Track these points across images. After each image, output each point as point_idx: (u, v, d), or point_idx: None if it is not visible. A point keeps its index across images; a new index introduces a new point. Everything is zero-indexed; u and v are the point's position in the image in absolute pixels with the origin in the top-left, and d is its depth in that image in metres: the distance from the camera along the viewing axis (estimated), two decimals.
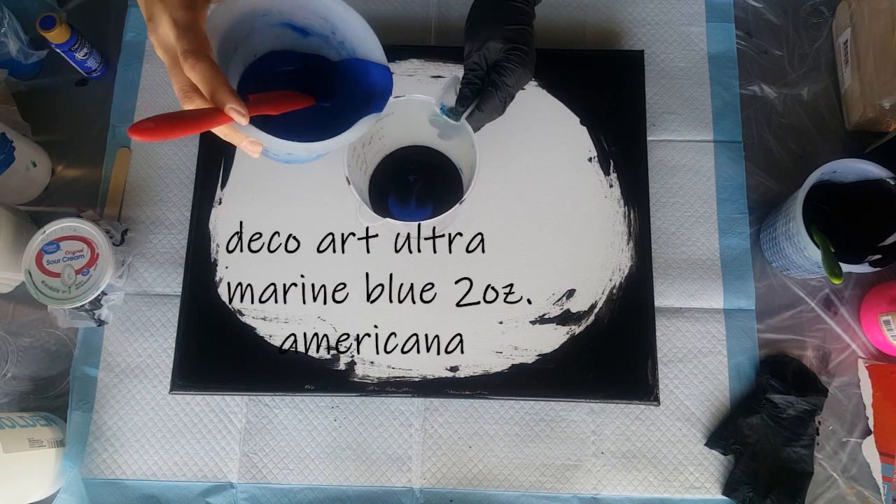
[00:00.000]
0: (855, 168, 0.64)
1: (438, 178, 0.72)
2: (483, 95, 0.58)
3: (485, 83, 0.59)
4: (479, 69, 0.59)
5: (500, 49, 0.58)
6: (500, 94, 0.58)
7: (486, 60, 0.59)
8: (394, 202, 0.71)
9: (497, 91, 0.58)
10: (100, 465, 0.67)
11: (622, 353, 0.68)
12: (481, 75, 0.59)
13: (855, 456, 0.67)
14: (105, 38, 0.80)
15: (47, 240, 0.67)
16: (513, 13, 0.59)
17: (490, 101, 0.58)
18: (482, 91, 0.59)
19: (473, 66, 0.59)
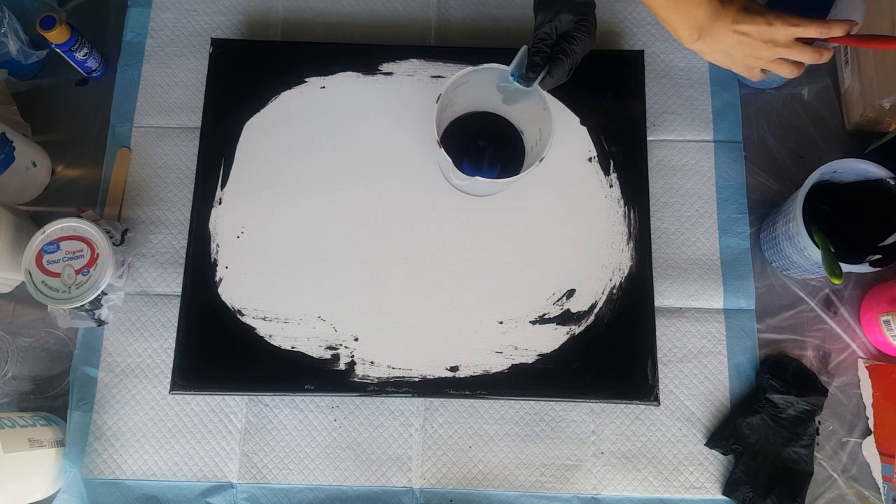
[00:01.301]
0: (855, 168, 0.64)
1: (503, 141, 0.75)
2: (554, 62, 0.61)
3: (554, 51, 0.62)
4: (550, 38, 0.62)
5: (570, 20, 0.61)
6: (569, 61, 0.61)
7: (556, 31, 0.62)
8: (468, 165, 0.74)
9: (567, 58, 0.61)
10: (100, 465, 0.67)
11: (622, 353, 0.68)
12: (550, 44, 0.62)
13: (855, 456, 0.67)
14: (105, 38, 0.80)
15: (47, 240, 0.67)
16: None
17: (560, 68, 0.61)
18: (552, 59, 0.62)
19: (545, 35, 0.62)
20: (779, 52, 0.55)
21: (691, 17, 0.55)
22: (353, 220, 0.72)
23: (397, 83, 0.76)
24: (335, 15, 0.81)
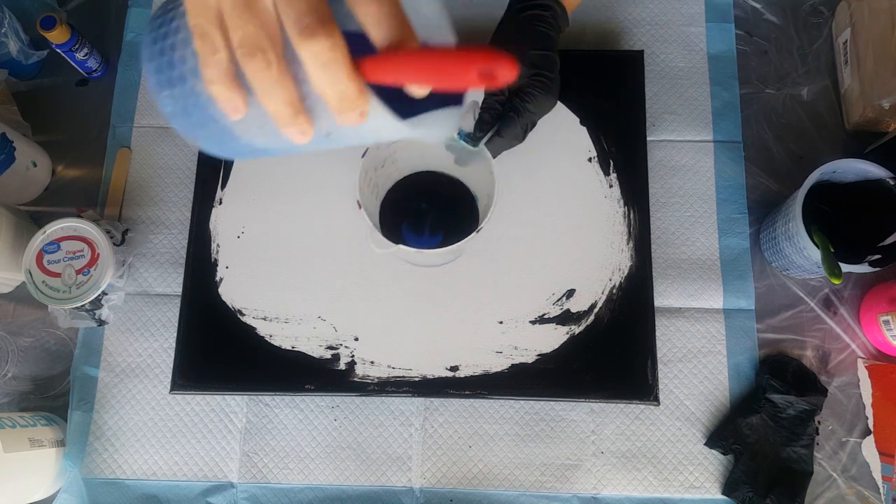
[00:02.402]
0: (855, 168, 0.64)
1: (453, 205, 0.70)
2: (504, 121, 0.56)
3: (506, 109, 0.57)
4: (501, 94, 0.57)
5: (523, 74, 0.56)
6: (521, 121, 0.56)
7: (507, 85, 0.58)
8: (407, 229, 0.70)
9: (519, 117, 0.56)
10: (100, 465, 0.67)
11: (622, 353, 0.69)
12: (502, 101, 0.57)
13: (855, 456, 0.67)
14: (105, 39, 0.80)
15: (48, 240, 0.67)
16: (538, 38, 0.58)
17: (511, 128, 0.56)
18: (503, 117, 0.57)
19: (495, 90, 0.57)
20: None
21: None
22: (354, 219, 0.72)
23: None
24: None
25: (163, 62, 0.32)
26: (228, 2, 0.28)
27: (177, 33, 0.32)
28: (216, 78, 0.29)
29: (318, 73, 0.28)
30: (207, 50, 0.29)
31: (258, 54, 0.28)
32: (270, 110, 0.29)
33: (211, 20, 0.28)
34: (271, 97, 0.29)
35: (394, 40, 0.29)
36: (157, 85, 0.33)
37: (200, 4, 0.29)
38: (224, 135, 0.34)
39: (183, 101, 0.33)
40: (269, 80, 0.28)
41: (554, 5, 0.59)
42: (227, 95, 0.30)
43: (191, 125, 0.34)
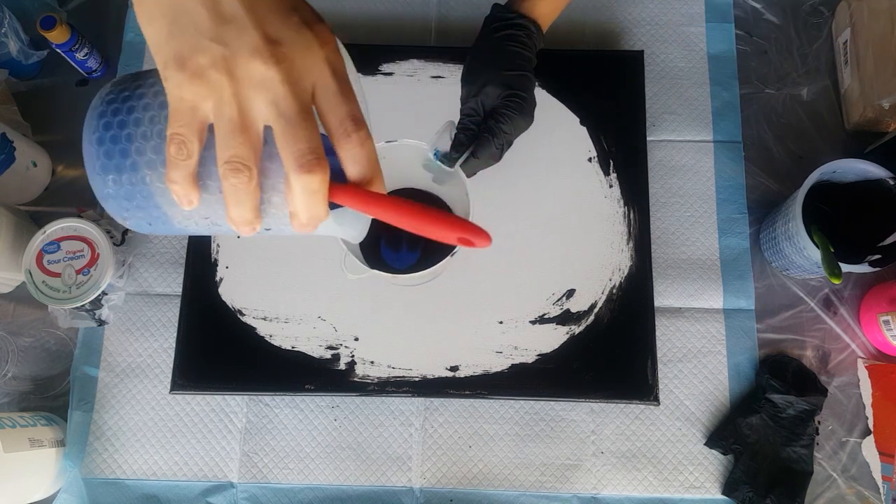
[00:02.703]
0: (854, 168, 0.64)
1: None
2: (479, 142, 0.57)
3: (481, 129, 0.57)
4: (476, 115, 0.58)
5: (498, 95, 0.56)
6: (496, 142, 0.57)
7: (483, 106, 0.58)
8: (385, 246, 0.69)
9: (494, 138, 0.56)
10: (100, 465, 0.67)
11: (622, 353, 0.69)
12: (478, 121, 0.58)
13: (854, 456, 0.67)
14: (105, 39, 0.80)
15: (48, 240, 0.67)
16: (512, 58, 0.58)
17: (486, 148, 0.57)
18: (478, 137, 0.57)
19: (470, 111, 0.58)
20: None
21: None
22: None
23: (397, 83, 0.76)
24: (335, 15, 0.81)
25: (115, 149, 0.34)
26: (225, 124, 0.30)
27: (136, 125, 0.34)
28: (181, 179, 0.32)
29: (302, 199, 0.32)
30: (181, 156, 0.31)
31: (244, 171, 0.31)
32: (233, 215, 0.32)
33: (194, 131, 0.31)
34: (240, 205, 0.32)
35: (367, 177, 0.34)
36: (103, 168, 0.34)
37: (187, 116, 0.31)
38: (159, 218, 0.36)
39: (129, 186, 0.34)
40: (245, 192, 0.31)
41: (529, 24, 0.59)
42: (185, 192, 0.32)
43: (127, 207, 0.35)
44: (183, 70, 0.30)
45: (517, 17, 0.59)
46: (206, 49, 0.30)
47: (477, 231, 0.36)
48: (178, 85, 0.30)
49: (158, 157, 0.33)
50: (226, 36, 0.30)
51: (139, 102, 0.34)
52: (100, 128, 0.34)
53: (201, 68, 0.30)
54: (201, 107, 0.31)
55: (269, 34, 0.30)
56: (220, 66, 0.30)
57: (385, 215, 0.35)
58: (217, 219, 0.35)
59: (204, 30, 0.30)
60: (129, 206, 0.35)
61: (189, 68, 0.30)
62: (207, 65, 0.30)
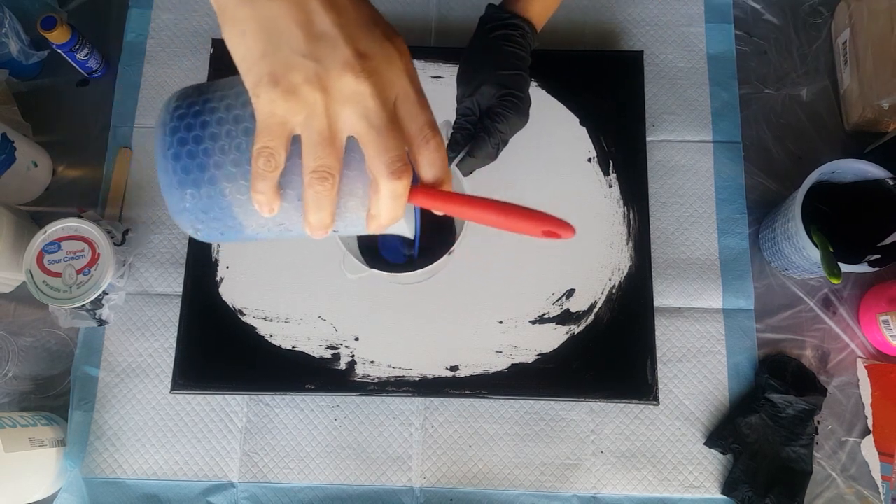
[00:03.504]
0: (854, 168, 0.64)
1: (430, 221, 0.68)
2: (475, 141, 0.57)
3: (477, 129, 0.58)
4: (472, 115, 0.58)
5: (493, 95, 0.57)
6: (492, 141, 0.57)
7: (478, 106, 0.58)
8: (384, 243, 0.69)
9: (490, 137, 0.57)
10: (101, 465, 0.67)
11: (622, 353, 0.69)
12: (473, 121, 0.58)
13: (854, 455, 0.67)
14: (106, 39, 0.81)
15: (48, 240, 0.67)
16: (508, 58, 0.58)
17: (482, 148, 0.57)
18: (474, 137, 0.57)
19: (465, 111, 0.58)
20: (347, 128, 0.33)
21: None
22: None
23: None
24: None
25: (192, 164, 0.35)
26: (314, 136, 0.32)
27: (213, 139, 0.35)
28: (267, 189, 0.33)
29: (388, 202, 0.34)
30: (269, 168, 0.33)
31: (329, 179, 0.33)
32: (312, 220, 0.34)
33: (283, 143, 0.32)
34: (321, 210, 0.34)
35: (439, 180, 0.36)
36: (180, 183, 0.35)
37: (276, 130, 0.32)
38: (234, 228, 0.37)
39: (206, 199, 0.36)
40: (327, 198, 0.33)
41: (523, 24, 0.60)
42: (268, 200, 0.34)
43: (203, 219, 0.36)
44: (277, 87, 0.31)
45: (511, 16, 0.60)
46: (300, 66, 0.31)
47: (560, 223, 0.38)
48: (270, 101, 0.31)
49: (239, 170, 0.34)
50: (319, 53, 0.31)
51: (212, 117, 0.35)
52: (174, 143, 0.35)
53: (295, 85, 0.31)
54: (290, 121, 0.32)
55: (360, 49, 0.31)
56: (313, 83, 0.31)
57: (465, 212, 0.38)
58: (291, 224, 0.37)
59: (298, 48, 0.31)
60: (206, 219, 0.36)
61: (283, 85, 0.31)
62: (301, 81, 0.31)
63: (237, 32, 0.32)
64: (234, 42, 0.32)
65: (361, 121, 0.32)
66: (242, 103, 0.35)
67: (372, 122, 0.32)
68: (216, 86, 0.36)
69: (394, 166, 0.33)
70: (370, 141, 0.32)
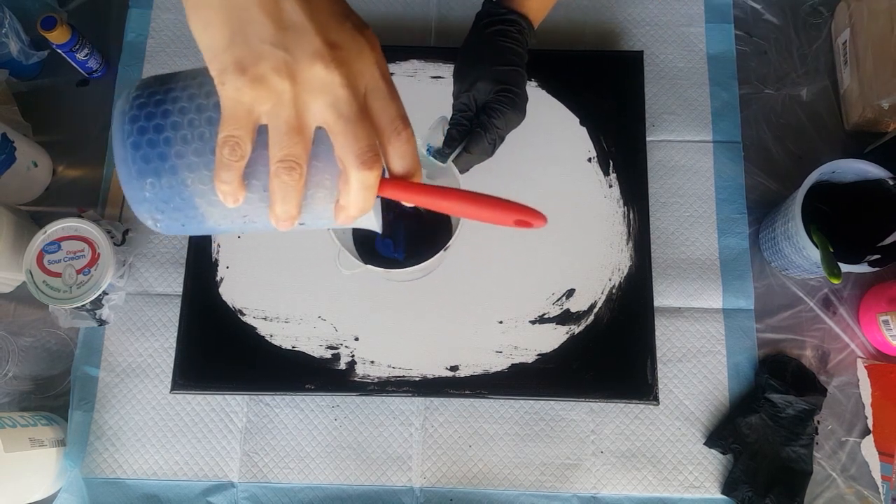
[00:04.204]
0: (854, 168, 0.64)
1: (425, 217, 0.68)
2: (471, 137, 0.57)
3: (473, 124, 0.57)
4: (468, 110, 0.58)
5: (490, 90, 0.57)
6: (489, 137, 0.57)
7: (475, 101, 0.58)
8: (380, 240, 0.68)
9: (486, 133, 0.57)
10: (101, 465, 0.67)
11: (622, 353, 0.69)
12: (470, 116, 0.58)
13: (854, 455, 0.67)
14: (106, 39, 0.81)
15: (48, 240, 0.67)
16: (504, 53, 0.58)
17: (479, 143, 0.57)
18: (470, 132, 0.57)
19: (462, 106, 0.58)
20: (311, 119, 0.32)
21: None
22: None
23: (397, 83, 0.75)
24: None
25: (152, 153, 0.34)
26: (281, 125, 0.32)
27: (175, 128, 0.34)
28: (231, 179, 0.33)
29: (358, 193, 0.33)
30: (234, 157, 0.32)
31: (296, 169, 0.32)
32: (278, 211, 0.34)
33: (248, 132, 0.32)
34: (287, 201, 0.33)
35: (409, 172, 0.36)
36: (140, 173, 0.34)
37: (242, 118, 0.32)
38: (195, 219, 0.36)
39: (167, 189, 0.35)
40: (294, 189, 0.33)
41: (520, 20, 0.60)
42: (232, 191, 0.33)
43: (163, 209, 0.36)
44: (244, 75, 0.31)
45: (508, 12, 0.60)
46: (268, 55, 0.30)
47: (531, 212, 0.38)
48: (237, 89, 0.31)
49: (201, 160, 0.34)
50: (288, 42, 0.30)
51: (174, 106, 0.34)
52: (134, 132, 0.34)
53: (263, 73, 0.31)
54: (257, 110, 0.31)
55: (330, 39, 0.31)
56: (282, 71, 0.31)
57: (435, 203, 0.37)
58: (255, 216, 0.36)
59: (266, 36, 0.30)
60: (166, 209, 0.35)
61: (250, 73, 0.31)
62: (270, 70, 0.30)
63: (202, 20, 0.31)
64: (199, 30, 0.31)
65: (331, 111, 0.32)
66: (206, 93, 0.34)
67: (342, 112, 0.32)
68: (178, 76, 0.36)
69: (364, 156, 0.32)
70: (340, 131, 0.32)
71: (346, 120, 0.32)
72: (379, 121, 0.34)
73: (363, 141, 0.32)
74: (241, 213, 0.36)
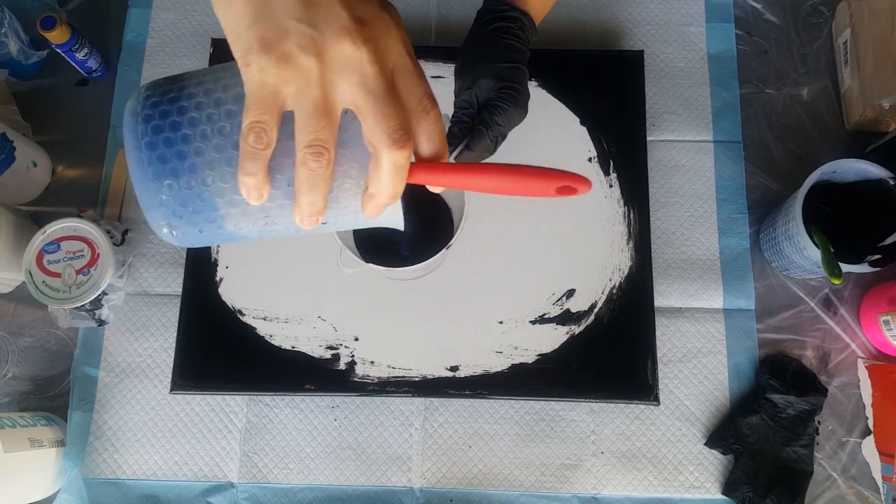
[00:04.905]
0: (855, 168, 0.64)
1: (427, 216, 0.68)
2: (473, 135, 0.57)
3: (475, 122, 0.57)
4: (470, 108, 0.58)
5: (491, 87, 0.56)
6: (491, 134, 0.57)
7: (476, 99, 0.57)
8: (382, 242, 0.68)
9: (488, 131, 0.56)
10: (100, 465, 0.67)
11: (622, 353, 0.69)
12: (471, 114, 0.58)
13: (854, 456, 0.67)
14: (105, 39, 0.80)
15: (48, 240, 0.67)
16: (506, 50, 0.58)
17: (480, 141, 0.57)
18: (472, 130, 0.57)
19: (464, 104, 0.58)
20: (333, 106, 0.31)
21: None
22: None
23: None
24: None
25: (169, 152, 0.32)
26: (308, 107, 0.30)
27: (193, 125, 0.32)
28: (257, 170, 0.31)
29: (389, 176, 0.32)
30: (260, 145, 0.30)
31: (324, 154, 0.30)
32: (304, 203, 0.32)
33: (275, 117, 0.30)
34: (314, 191, 0.31)
35: (438, 154, 0.34)
36: (157, 175, 0.33)
37: (268, 102, 0.30)
38: (214, 223, 0.34)
39: (186, 191, 0.33)
40: (321, 177, 0.31)
41: (521, 17, 0.59)
42: (257, 184, 0.31)
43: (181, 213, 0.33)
44: (270, 53, 0.29)
45: (510, 9, 0.59)
46: (294, 31, 0.29)
47: (575, 178, 0.35)
48: (261, 69, 0.30)
49: (222, 156, 0.32)
50: (314, 17, 0.29)
51: (190, 102, 0.33)
52: (149, 132, 0.32)
53: (288, 52, 0.29)
54: (283, 91, 0.30)
55: (357, 15, 0.30)
56: (308, 49, 0.29)
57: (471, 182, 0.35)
58: (277, 215, 0.34)
59: (292, 12, 0.29)
60: (184, 213, 0.33)
61: (276, 52, 0.29)
62: (296, 47, 0.29)
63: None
64: (221, 8, 0.30)
65: (359, 89, 0.30)
66: (223, 86, 0.33)
67: (371, 90, 0.31)
68: (190, 74, 0.34)
69: (396, 135, 0.31)
70: (370, 109, 0.31)
71: (375, 98, 0.31)
72: (407, 100, 0.33)
73: (393, 119, 0.31)
74: (264, 213, 0.34)
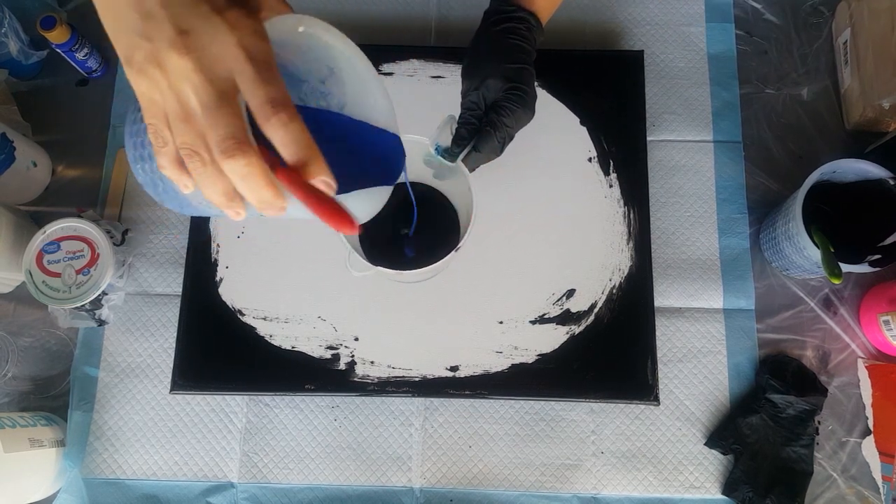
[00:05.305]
0: (855, 168, 0.64)
1: (433, 217, 0.68)
2: (481, 136, 0.57)
3: (482, 123, 0.57)
4: (477, 109, 0.58)
5: (499, 88, 0.56)
6: (498, 135, 0.56)
7: (484, 100, 0.57)
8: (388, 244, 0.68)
9: (496, 132, 0.56)
10: (100, 465, 0.67)
11: (622, 353, 0.69)
12: (479, 115, 0.57)
13: (854, 456, 0.67)
14: (105, 39, 0.79)
15: (48, 240, 0.67)
16: (513, 51, 0.58)
17: (488, 142, 0.57)
18: (479, 131, 0.57)
19: (471, 105, 0.58)
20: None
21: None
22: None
23: (397, 83, 0.76)
24: (334, 15, 0.81)
25: (137, 142, 0.38)
26: (172, 112, 0.32)
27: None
28: (167, 164, 0.34)
29: (238, 183, 0.33)
30: (159, 143, 0.34)
31: (195, 156, 0.32)
32: (207, 196, 0.34)
33: (162, 121, 0.33)
34: (207, 188, 0.34)
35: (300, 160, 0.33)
36: (132, 159, 0.39)
37: (154, 108, 0.33)
38: (182, 202, 0.39)
39: (151, 174, 0.39)
40: (205, 175, 0.33)
41: (528, 18, 0.59)
42: (176, 177, 0.35)
43: (157, 192, 0.40)
44: (131, 67, 0.32)
45: (517, 10, 0.59)
46: (139, 46, 0.32)
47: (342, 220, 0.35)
48: (133, 81, 0.33)
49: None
50: (151, 31, 0.31)
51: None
52: (130, 121, 0.38)
53: (140, 64, 0.32)
54: (154, 98, 0.32)
55: (181, 26, 0.31)
56: (152, 61, 0.32)
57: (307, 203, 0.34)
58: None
59: (135, 28, 0.32)
60: (157, 191, 0.39)
61: (134, 65, 0.32)
62: (144, 60, 0.32)
63: (102, 17, 0.33)
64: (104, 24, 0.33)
65: (191, 98, 0.31)
66: None
67: (200, 99, 0.31)
68: None
69: (223, 144, 0.31)
70: (200, 119, 0.32)
71: (204, 107, 0.31)
72: (251, 107, 0.32)
73: (221, 129, 0.31)
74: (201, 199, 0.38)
